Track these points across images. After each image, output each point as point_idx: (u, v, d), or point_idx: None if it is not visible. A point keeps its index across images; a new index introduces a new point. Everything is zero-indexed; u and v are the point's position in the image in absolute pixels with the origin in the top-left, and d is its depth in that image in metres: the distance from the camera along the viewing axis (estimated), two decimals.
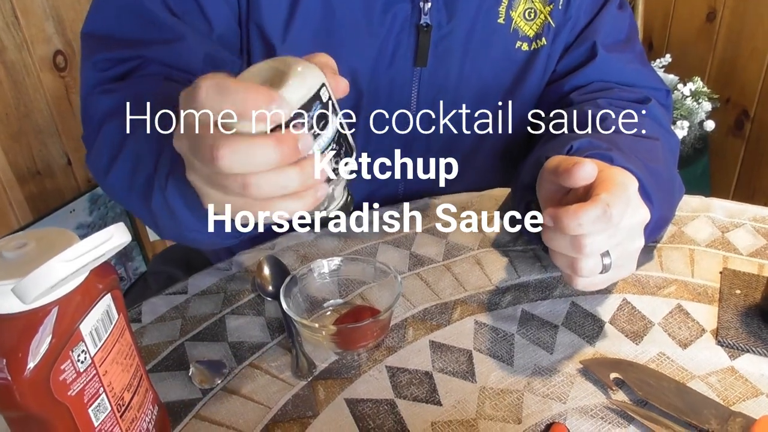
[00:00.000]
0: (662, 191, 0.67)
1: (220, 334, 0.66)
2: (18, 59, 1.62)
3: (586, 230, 0.53)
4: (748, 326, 0.63)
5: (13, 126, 1.65)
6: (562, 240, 0.55)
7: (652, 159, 0.69)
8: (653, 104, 0.78)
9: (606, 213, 0.52)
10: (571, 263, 0.56)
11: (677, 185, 0.75)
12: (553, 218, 0.53)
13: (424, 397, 0.58)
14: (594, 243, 0.54)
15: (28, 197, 1.73)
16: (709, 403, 0.55)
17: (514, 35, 0.81)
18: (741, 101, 1.93)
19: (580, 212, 0.52)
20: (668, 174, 0.72)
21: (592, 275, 0.56)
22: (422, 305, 0.69)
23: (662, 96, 0.84)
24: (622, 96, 0.79)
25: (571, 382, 0.59)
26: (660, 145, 0.72)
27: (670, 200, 0.73)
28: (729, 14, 1.89)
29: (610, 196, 0.53)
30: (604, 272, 0.56)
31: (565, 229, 0.53)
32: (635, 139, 0.71)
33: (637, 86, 0.82)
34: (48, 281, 0.37)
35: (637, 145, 0.69)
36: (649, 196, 0.62)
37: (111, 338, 0.46)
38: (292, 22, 0.74)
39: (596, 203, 0.52)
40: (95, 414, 0.45)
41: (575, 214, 0.52)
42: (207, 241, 0.65)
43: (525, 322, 0.66)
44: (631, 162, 0.63)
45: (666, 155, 0.73)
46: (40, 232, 0.43)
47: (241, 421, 0.57)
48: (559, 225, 0.53)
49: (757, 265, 0.72)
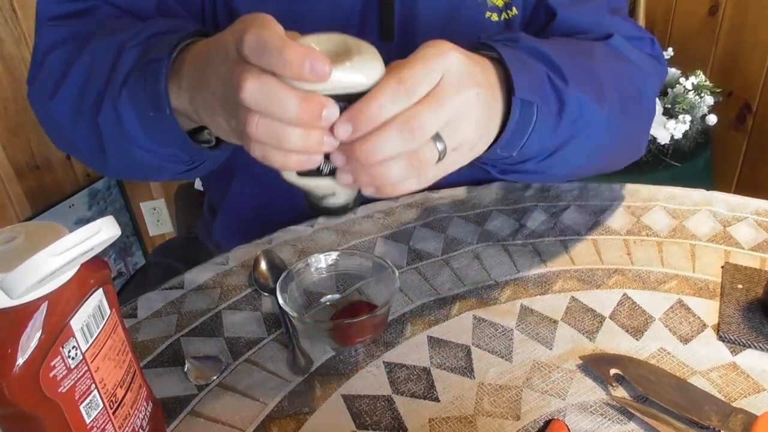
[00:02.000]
0: (586, 80, 0.61)
1: (217, 329, 0.66)
2: (16, 53, 1.62)
3: (389, 112, 0.45)
4: (750, 321, 0.62)
5: (11, 120, 1.64)
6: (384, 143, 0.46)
7: (580, 53, 0.64)
8: (614, 39, 0.72)
9: (401, 83, 0.45)
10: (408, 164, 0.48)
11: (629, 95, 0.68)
12: (351, 120, 0.45)
13: (422, 393, 0.58)
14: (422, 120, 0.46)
15: (27, 192, 1.72)
16: (710, 399, 0.55)
17: (482, 5, 0.78)
18: (743, 95, 1.91)
19: (373, 94, 0.45)
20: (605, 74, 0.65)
21: (429, 166, 0.49)
22: (420, 300, 0.68)
23: (645, 45, 0.77)
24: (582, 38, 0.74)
25: (570, 377, 0.58)
26: (598, 48, 0.66)
27: (599, 94, 0.64)
28: (731, 8, 1.88)
29: (400, 63, 0.47)
30: (441, 159, 0.49)
31: (368, 121, 0.45)
32: (567, 42, 0.67)
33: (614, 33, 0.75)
34: (35, 275, 0.36)
35: (567, 44, 0.65)
36: (563, 76, 0.59)
37: (103, 334, 0.45)
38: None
39: (386, 77, 0.46)
40: (87, 411, 0.44)
41: (369, 99, 0.45)
42: (155, 165, 0.64)
43: (524, 317, 0.65)
44: (542, 43, 0.59)
45: (606, 58, 0.66)
46: (30, 225, 0.42)
47: (237, 417, 0.57)
48: (360, 123, 0.45)
49: (759, 260, 0.71)
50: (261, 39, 0.43)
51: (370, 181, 0.48)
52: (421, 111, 0.46)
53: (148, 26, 0.61)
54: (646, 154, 1.62)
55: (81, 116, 0.63)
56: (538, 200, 0.82)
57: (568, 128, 0.61)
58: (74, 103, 0.63)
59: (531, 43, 0.59)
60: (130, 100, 0.57)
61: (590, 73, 0.63)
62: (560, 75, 0.59)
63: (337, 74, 0.44)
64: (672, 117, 1.64)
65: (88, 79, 0.62)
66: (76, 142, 0.68)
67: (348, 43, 0.47)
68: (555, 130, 0.61)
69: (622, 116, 0.68)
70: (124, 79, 0.58)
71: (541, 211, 0.80)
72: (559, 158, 0.64)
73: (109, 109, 0.59)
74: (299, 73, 0.43)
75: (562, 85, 0.59)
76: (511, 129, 0.56)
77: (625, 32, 0.76)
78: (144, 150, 0.60)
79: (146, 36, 0.60)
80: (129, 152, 0.62)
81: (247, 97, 0.44)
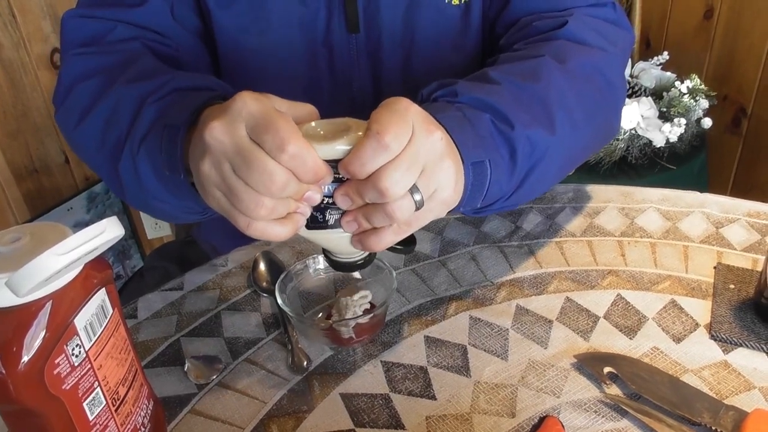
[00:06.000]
0: (534, 111, 0.62)
1: (216, 329, 0.66)
2: (15, 57, 1.62)
3: (371, 167, 0.47)
4: (742, 320, 0.63)
5: (10, 124, 1.65)
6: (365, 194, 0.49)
7: (525, 78, 0.63)
8: (570, 26, 0.71)
9: (380, 141, 0.47)
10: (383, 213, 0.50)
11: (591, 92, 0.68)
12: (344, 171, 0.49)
13: (419, 391, 0.59)
14: (392, 179, 0.47)
15: (26, 195, 1.73)
16: (702, 397, 0.56)
17: None
18: (738, 99, 1.93)
19: (356, 152, 0.47)
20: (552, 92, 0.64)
21: (409, 215, 0.50)
22: (417, 300, 0.69)
23: (607, 11, 0.76)
24: (539, 28, 0.73)
25: (565, 376, 0.59)
26: (544, 62, 0.66)
27: (548, 120, 0.63)
28: (726, 12, 1.89)
29: (376, 123, 0.48)
30: (420, 208, 0.50)
31: (355, 176, 0.48)
32: (512, 64, 0.66)
33: (570, 8, 0.74)
34: (41, 274, 0.37)
35: (512, 68, 0.65)
36: (507, 120, 0.59)
37: (106, 332, 0.46)
38: None
39: (366, 136, 0.47)
40: (90, 408, 0.45)
41: (353, 156, 0.48)
42: (171, 213, 0.66)
43: (519, 317, 0.66)
44: (481, 90, 0.59)
45: (552, 71, 0.65)
46: (34, 226, 0.43)
47: (237, 415, 0.57)
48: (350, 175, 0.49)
49: (751, 260, 0.72)
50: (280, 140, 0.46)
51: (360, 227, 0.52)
52: (392, 171, 0.48)
53: (171, 79, 0.62)
54: (642, 157, 1.63)
55: (102, 153, 0.65)
56: (534, 202, 0.83)
57: (524, 165, 0.61)
58: (97, 138, 0.65)
59: (470, 93, 0.59)
60: (147, 156, 0.59)
61: (537, 99, 0.63)
62: (505, 120, 0.59)
63: (338, 146, 0.49)
64: (667, 120, 1.65)
65: (110, 122, 0.63)
66: (98, 171, 0.70)
67: (349, 123, 0.50)
68: (512, 173, 0.60)
69: (586, 121, 0.67)
70: (143, 136, 0.59)
71: (536, 213, 0.81)
72: (523, 192, 0.64)
73: (128, 160, 0.61)
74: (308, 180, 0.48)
75: (508, 130, 0.58)
76: (468, 190, 0.56)
77: (582, 1, 0.75)
78: (160, 201, 0.62)
79: (168, 91, 0.61)
80: (146, 200, 0.64)
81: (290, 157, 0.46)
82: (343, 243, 0.53)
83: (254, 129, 0.47)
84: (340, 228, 0.52)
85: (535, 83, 0.63)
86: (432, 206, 0.52)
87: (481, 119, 0.58)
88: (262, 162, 0.46)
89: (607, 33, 0.74)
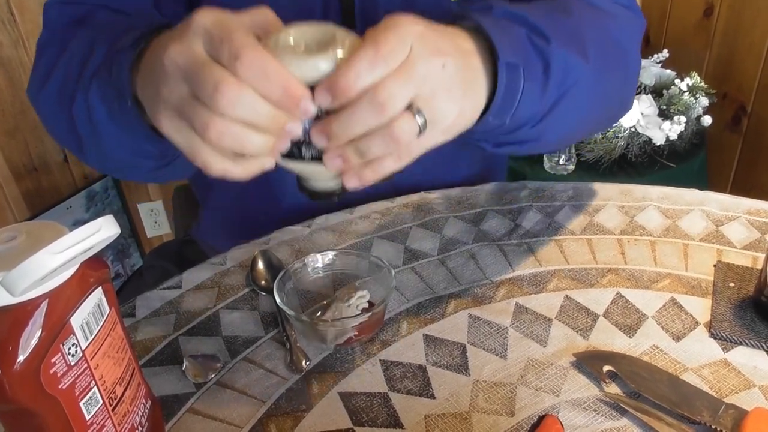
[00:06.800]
0: (567, 36, 0.60)
1: (214, 328, 0.66)
2: (14, 55, 1.62)
3: (367, 80, 0.44)
4: (742, 319, 0.63)
5: (9, 122, 1.65)
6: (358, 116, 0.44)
7: (556, 10, 0.62)
8: None
9: (379, 51, 0.43)
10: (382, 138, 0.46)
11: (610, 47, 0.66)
12: (329, 89, 0.44)
13: (418, 390, 0.58)
14: (391, 91, 0.44)
15: (25, 194, 1.73)
16: (701, 395, 0.55)
17: None
18: (738, 97, 1.92)
19: (351, 62, 0.43)
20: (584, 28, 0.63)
21: (411, 138, 0.46)
22: (416, 299, 0.68)
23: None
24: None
25: (564, 374, 0.59)
26: (573, 2, 0.65)
27: (581, 50, 0.61)
28: (726, 10, 1.89)
29: (374, 32, 0.45)
30: (423, 132, 0.47)
31: (346, 90, 0.44)
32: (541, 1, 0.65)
33: None
34: (36, 273, 0.37)
35: (542, 3, 0.63)
36: (544, 35, 0.57)
37: (102, 332, 0.46)
38: None
39: (363, 45, 0.44)
40: (87, 407, 0.45)
41: (347, 67, 0.43)
42: (127, 161, 0.64)
43: (519, 315, 0.66)
44: (517, 7, 0.57)
45: (582, 11, 0.65)
46: (30, 225, 0.43)
47: (235, 415, 0.57)
48: (339, 92, 0.44)
49: (751, 258, 0.72)
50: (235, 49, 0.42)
51: (349, 164, 0.47)
52: (390, 82, 0.44)
53: (128, 24, 0.61)
54: (642, 155, 1.63)
55: (61, 110, 0.64)
56: (533, 200, 0.83)
57: (557, 88, 0.59)
58: (54, 94, 0.65)
59: (505, 8, 0.57)
60: (98, 90, 0.58)
61: (570, 29, 0.61)
62: (541, 34, 0.57)
63: (321, 63, 0.44)
64: (667, 118, 1.65)
65: (66, 73, 0.64)
66: (60, 137, 0.70)
67: (335, 33, 0.46)
68: (544, 91, 0.59)
69: (606, 70, 0.66)
70: (94, 71, 0.58)
71: (535, 211, 0.81)
72: (551, 121, 0.62)
73: (81, 101, 0.60)
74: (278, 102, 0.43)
75: (544, 44, 0.56)
76: (501, 94, 0.54)
77: None
78: (114, 143, 0.60)
79: (122, 30, 0.59)
80: (101, 145, 0.62)
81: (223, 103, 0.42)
82: (320, 169, 0.48)
83: (211, 43, 0.43)
84: (319, 162, 0.47)
85: (567, 17, 0.62)
86: (435, 133, 0.49)
87: (516, 30, 0.56)
88: (212, 72, 0.42)
89: (619, 11, 0.73)
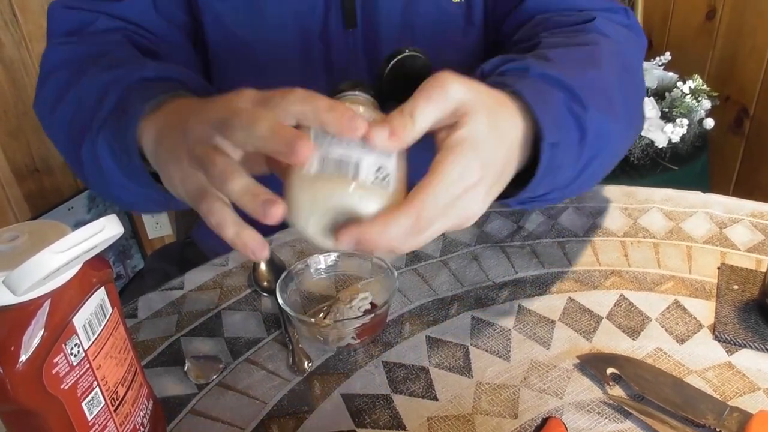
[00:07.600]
0: (599, 97, 0.58)
1: (216, 329, 0.66)
2: (17, 57, 1.62)
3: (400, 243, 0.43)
4: (746, 321, 0.63)
5: (11, 123, 1.65)
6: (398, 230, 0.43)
7: (587, 63, 0.60)
8: (597, 21, 0.69)
9: (418, 222, 0.42)
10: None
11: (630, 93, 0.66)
12: (356, 242, 0.43)
13: (421, 392, 0.58)
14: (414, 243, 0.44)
15: (27, 195, 1.72)
16: (705, 398, 0.55)
17: None
18: (740, 99, 1.92)
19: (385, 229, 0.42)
20: (611, 79, 0.62)
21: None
22: (419, 301, 0.68)
23: (620, 17, 0.73)
24: (561, 22, 0.70)
25: (567, 377, 0.59)
26: (600, 49, 0.63)
27: (611, 107, 0.60)
28: (729, 12, 1.89)
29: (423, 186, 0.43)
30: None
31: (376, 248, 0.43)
32: (567, 48, 0.63)
33: (586, 10, 0.71)
34: (39, 273, 0.37)
35: (569, 52, 0.62)
36: (581, 102, 0.55)
37: (105, 332, 0.46)
38: None
39: (403, 211, 0.42)
40: (89, 408, 0.45)
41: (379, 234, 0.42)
42: (134, 202, 0.67)
43: (522, 317, 0.66)
44: (553, 67, 0.55)
45: (609, 59, 0.63)
46: (33, 224, 0.43)
47: (237, 416, 0.57)
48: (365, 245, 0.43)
49: (755, 261, 0.72)
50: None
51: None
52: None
53: (140, 68, 0.62)
54: (644, 158, 1.63)
55: (70, 140, 0.65)
56: None
57: (589, 151, 0.58)
58: (65, 126, 0.66)
59: (542, 69, 0.55)
60: (105, 141, 0.59)
61: (601, 86, 0.60)
62: (579, 102, 0.55)
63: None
64: (669, 121, 1.65)
65: (78, 109, 0.64)
66: (68, 159, 0.70)
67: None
68: (578, 160, 0.58)
69: (630, 117, 0.66)
70: (103, 122, 0.59)
71: (538, 213, 0.81)
72: (581, 182, 0.61)
73: (89, 146, 0.61)
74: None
75: (581, 112, 0.54)
76: (541, 173, 0.52)
77: (598, 5, 0.72)
78: (120, 187, 0.62)
79: (135, 79, 0.60)
80: (108, 187, 0.64)
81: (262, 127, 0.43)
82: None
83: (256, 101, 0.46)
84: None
85: (596, 68, 0.60)
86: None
87: (556, 98, 0.54)
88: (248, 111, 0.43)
89: (624, 34, 0.72)
